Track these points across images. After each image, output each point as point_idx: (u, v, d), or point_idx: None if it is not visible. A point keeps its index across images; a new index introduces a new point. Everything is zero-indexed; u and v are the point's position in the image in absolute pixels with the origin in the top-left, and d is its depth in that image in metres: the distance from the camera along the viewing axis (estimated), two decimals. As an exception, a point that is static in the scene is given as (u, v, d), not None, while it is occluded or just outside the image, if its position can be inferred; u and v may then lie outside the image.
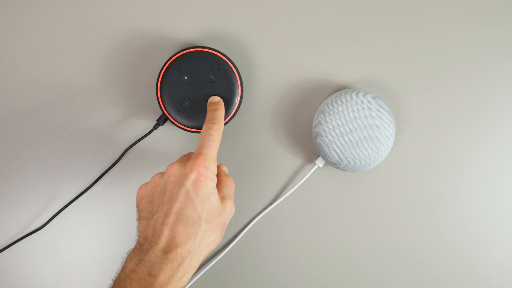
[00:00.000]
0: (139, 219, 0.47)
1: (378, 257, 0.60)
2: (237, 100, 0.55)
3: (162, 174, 0.48)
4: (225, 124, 0.55)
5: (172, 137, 0.59)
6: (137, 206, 0.48)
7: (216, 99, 0.53)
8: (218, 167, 0.51)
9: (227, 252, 0.59)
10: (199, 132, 0.56)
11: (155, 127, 0.57)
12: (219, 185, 0.49)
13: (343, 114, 0.54)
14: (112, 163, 0.58)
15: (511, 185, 0.58)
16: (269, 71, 0.58)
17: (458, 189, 0.59)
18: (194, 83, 0.54)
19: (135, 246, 0.45)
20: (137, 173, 0.59)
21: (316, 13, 0.57)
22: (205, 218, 0.45)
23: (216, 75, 0.54)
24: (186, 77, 0.54)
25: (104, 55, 0.58)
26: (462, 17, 0.57)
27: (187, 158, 0.49)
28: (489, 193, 0.59)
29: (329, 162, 0.56)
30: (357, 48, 0.57)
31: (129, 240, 0.60)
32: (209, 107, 0.52)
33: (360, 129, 0.54)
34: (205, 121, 0.50)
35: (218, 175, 0.49)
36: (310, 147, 0.59)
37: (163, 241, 0.43)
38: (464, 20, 0.57)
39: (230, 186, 0.49)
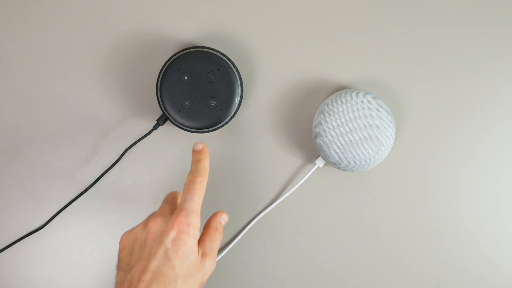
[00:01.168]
0: (118, 269, 0.46)
1: (378, 257, 0.60)
2: (237, 100, 0.55)
3: (144, 225, 0.47)
4: (225, 124, 0.56)
5: (172, 137, 0.59)
6: (118, 254, 0.47)
7: (199, 146, 0.49)
8: (214, 216, 0.50)
9: (227, 252, 0.59)
10: (199, 132, 0.56)
11: (155, 127, 0.57)
12: (204, 237, 0.48)
13: (343, 114, 0.54)
14: (112, 163, 0.58)
15: (511, 185, 0.58)
16: (269, 71, 0.58)
17: (458, 189, 0.59)
18: (194, 83, 0.54)
19: None
20: (137, 173, 0.59)
21: (316, 13, 0.57)
22: (182, 276, 0.44)
23: (216, 75, 0.54)
24: (186, 77, 0.54)
25: (104, 55, 0.58)
26: (462, 17, 0.57)
27: (169, 207, 0.48)
28: (489, 193, 0.59)
29: (329, 162, 0.56)
30: (357, 48, 0.57)
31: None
32: (193, 156, 0.50)
33: (360, 129, 0.54)
34: (189, 172, 0.49)
35: (208, 227, 0.49)
36: (310, 147, 0.59)
37: None
38: (464, 19, 0.57)
39: (215, 240, 0.48)
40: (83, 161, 0.59)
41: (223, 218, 0.51)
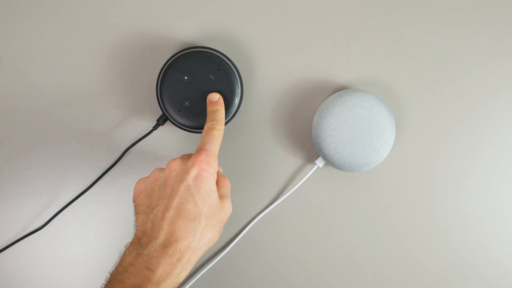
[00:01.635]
0: (137, 213, 0.46)
1: (378, 257, 0.60)
2: (237, 100, 0.55)
3: (162, 169, 0.48)
4: (225, 124, 0.55)
5: (172, 137, 0.59)
6: (135, 201, 0.47)
7: (216, 97, 0.52)
8: (218, 178, 0.50)
9: (227, 252, 0.59)
10: (199, 132, 0.56)
11: (155, 127, 0.57)
12: (217, 184, 0.48)
13: (343, 114, 0.54)
14: (112, 163, 0.58)
15: (511, 185, 0.58)
16: (269, 71, 0.58)
17: (458, 189, 0.59)
18: (194, 83, 0.54)
19: (133, 239, 0.44)
20: (137, 173, 0.59)
21: (316, 14, 0.57)
22: (205, 214, 0.45)
23: (216, 75, 0.54)
24: (186, 77, 0.54)
25: (104, 55, 0.58)
26: (462, 18, 0.57)
27: (187, 156, 0.49)
28: (489, 193, 0.59)
29: (329, 162, 0.56)
30: (357, 48, 0.57)
31: (129, 239, 0.60)
32: (209, 107, 0.52)
33: (360, 129, 0.54)
34: (207, 121, 0.50)
35: (216, 175, 0.49)
36: (310, 147, 0.59)
37: (162, 236, 0.43)
38: (464, 20, 0.57)
39: (226, 186, 0.49)
40: (83, 161, 0.59)
41: (220, 170, 0.52)
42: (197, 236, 0.44)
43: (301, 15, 0.57)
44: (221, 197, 0.47)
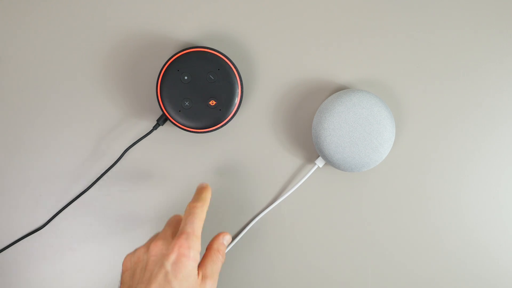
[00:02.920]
0: None
1: (378, 256, 0.60)
2: (237, 100, 0.55)
3: (146, 248, 0.48)
4: (225, 124, 0.56)
5: (172, 137, 0.59)
6: (121, 276, 0.48)
7: (204, 184, 0.52)
8: (217, 237, 0.51)
9: (227, 251, 0.59)
10: (199, 132, 0.56)
11: (155, 127, 0.57)
12: (206, 259, 0.48)
13: (343, 114, 0.54)
14: (112, 163, 0.58)
15: (511, 185, 0.58)
16: (269, 71, 0.58)
17: (458, 189, 0.59)
18: (194, 83, 0.54)
19: None
20: (137, 173, 0.59)
21: (316, 13, 0.57)
22: None
23: (216, 75, 0.54)
24: (186, 77, 0.54)
25: (104, 55, 0.58)
26: (462, 17, 0.57)
27: (171, 230, 0.49)
28: (489, 193, 0.59)
29: (329, 162, 0.56)
30: (357, 48, 0.57)
31: (129, 240, 0.60)
32: (198, 188, 0.52)
33: (360, 129, 0.54)
34: (193, 198, 0.50)
35: (210, 248, 0.49)
36: (310, 147, 0.59)
37: None
38: (464, 20, 0.57)
39: (216, 262, 0.49)
40: (83, 161, 0.59)
41: (226, 239, 0.51)
42: None
43: (301, 15, 0.57)
44: (204, 276, 0.47)
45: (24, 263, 0.60)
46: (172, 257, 0.45)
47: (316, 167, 0.57)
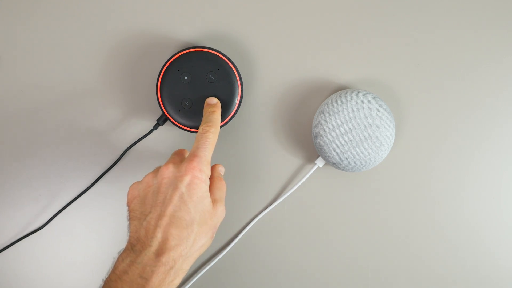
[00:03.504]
0: (130, 218, 0.46)
1: (378, 257, 0.60)
2: (237, 100, 0.55)
3: (154, 174, 0.48)
4: (225, 124, 0.55)
5: (172, 137, 0.59)
6: (128, 205, 0.47)
7: (214, 100, 0.53)
8: (214, 167, 0.51)
9: (227, 252, 0.59)
10: (199, 132, 0.56)
11: (155, 127, 0.57)
12: (211, 187, 0.48)
13: (343, 114, 0.54)
14: (112, 163, 0.58)
15: (511, 185, 0.58)
16: (269, 71, 0.58)
17: (458, 189, 0.59)
18: (194, 83, 0.54)
19: (126, 246, 0.45)
20: (137, 173, 0.59)
21: (316, 13, 0.57)
22: (197, 221, 0.45)
23: (216, 75, 0.54)
24: (186, 77, 0.54)
25: (104, 55, 0.58)
26: (462, 18, 0.57)
27: (179, 158, 0.49)
28: (489, 193, 0.59)
29: (329, 162, 0.56)
30: (357, 48, 0.57)
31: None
32: (205, 109, 0.52)
33: (360, 129, 0.54)
34: (202, 122, 0.50)
35: (212, 177, 0.49)
36: (310, 147, 0.59)
37: (156, 243, 0.43)
38: (464, 20, 0.57)
39: (222, 188, 0.49)
40: (83, 161, 0.59)
41: (221, 170, 0.52)
42: (190, 243, 0.44)
43: (301, 15, 0.57)
44: (214, 201, 0.47)
45: (24, 263, 0.60)
46: (186, 178, 0.45)
47: (316, 167, 0.57)
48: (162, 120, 0.56)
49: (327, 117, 0.54)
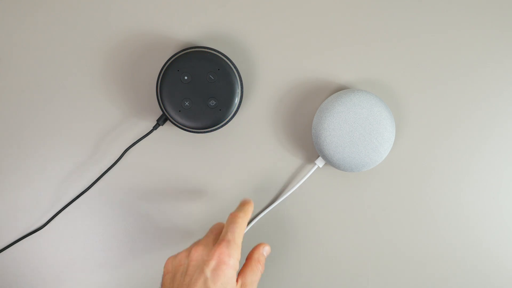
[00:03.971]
0: None
1: (377, 257, 0.60)
2: (237, 100, 0.55)
3: (188, 252, 0.49)
4: (225, 124, 0.56)
5: (172, 137, 0.59)
6: (163, 278, 0.49)
7: (248, 199, 0.53)
8: (257, 247, 0.51)
9: (227, 252, 0.59)
10: (199, 132, 0.56)
11: (155, 127, 0.57)
12: (246, 268, 0.49)
13: (343, 114, 0.54)
14: (112, 163, 0.58)
15: (511, 185, 0.58)
16: (269, 71, 0.58)
17: (458, 189, 0.59)
18: (194, 83, 0.54)
19: None
20: (137, 173, 0.59)
21: (316, 14, 0.57)
22: None
23: (216, 75, 0.54)
24: (186, 77, 0.54)
25: (104, 55, 0.58)
26: (463, 18, 0.57)
27: (213, 236, 0.50)
28: (489, 194, 0.59)
29: (329, 162, 0.56)
30: (357, 48, 0.57)
31: (129, 240, 0.60)
32: (245, 199, 0.53)
33: (360, 129, 0.54)
34: (238, 206, 0.51)
35: (250, 258, 0.50)
36: (310, 147, 0.59)
37: None
38: (464, 20, 0.57)
39: (256, 272, 0.50)
40: (83, 161, 0.59)
41: (266, 250, 0.52)
42: None
43: (301, 15, 0.57)
44: (243, 286, 0.48)
45: (24, 263, 0.60)
46: (212, 263, 0.46)
47: (316, 167, 0.57)
48: (162, 120, 0.56)
49: (327, 117, 0.54)
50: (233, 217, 0.49)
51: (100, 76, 0.58)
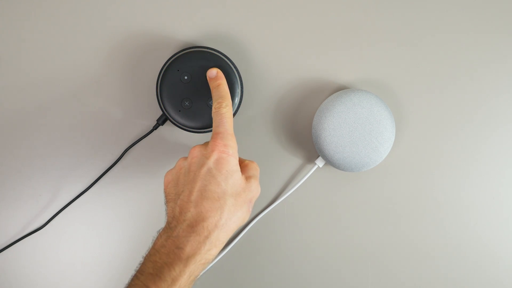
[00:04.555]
0: (167, 202, 0.48)
1: (378, 257, 0.60)
2: (237, 100, 0.55)
3: (185, 158, 0.49)
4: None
5: (172, 137, 0.59)
6: (165, 191, 0.50)
7: (214, 72, 0.53)
8: (246, 162, 0.52)
9: (227, 252, 0.59)
10: (199, 132, 0.56)
11: (155, 127, 0.57)
12: (244, 168, 0.50)
13: (343, 114, 0.54)
14: (112, 163, 0.58)
15: (511, 185, 0.58)
16: (269, 71, 0.58)
17: (458, 189, 0.59)
18: (194, 83, 0.54)
19: (165, 225, 0.47)
20: (137, 173, 0.59)
21: (316, 14, 0.57)
22: (230, 193, 0.46)
23: (216, 75, 0.54)
24: (186, 77, 0.54)
25: (104, 55, 0.58)
26: (463, 18, 0.57)
27: (207, 143, 0.50)
28: (489, 193, 0.59)
29: (329, 162, 0.56)
30: (357, 48, 0.57)
31: (129, 239, 0.60)
32: (210, 84, 0.52)
33: (360, 129, 0.54)
34: (213, 99, 0.51)
35: (242, 161, 0.51)
36: (310, 147, 0.59)
37: (189, 217, 0.45)
38: (464, 20, 0.57)
39: (254, 167, 0.50)
40: (83, 161, 0.59)
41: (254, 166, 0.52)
42: (224, 214, 0.46)
43: (301, 15, 0.57)
44: (247, 178, 0.48)
45: (24, 263, 0.60)
46: (213, 155, 0.47)
47: (316, 167, 0.57)
48: (162, 120, 0.56)
49: (327, 117, 0.54)
50: (218, 109, 0.49)
51: (100, 76, 0.58)
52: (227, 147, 0.47)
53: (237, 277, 0.60)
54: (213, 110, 0.49)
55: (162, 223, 0.48)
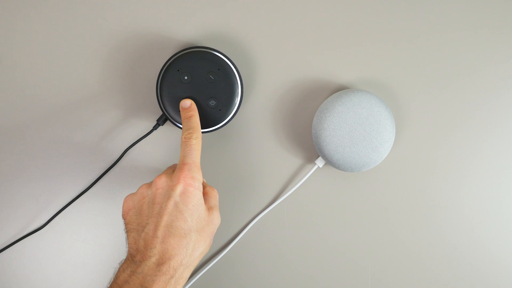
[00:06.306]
0: (128, 231, 0.47)
1: (378, 257, 0.60)
2: (237, 100, 0.55)
3: (148, 185, 0.48)
4: (225, 124, 0.56)
5: (172, 137, 0.59)
6: (124, 218, 0.48)
7: (187, 103, 0.52)
8: (207, 189, 0.51)
9: (227, 252, 0.59)
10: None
11: (155, 127, 0.57)
12: (205, 195, 0.49)
13: (343, 114, 0.54)
14: (112, 163, 0.58)
15: (511, 185, 0.58)
16: (269, 71, 0.58)
17: (458, 189, 0.59)
18: (194, 83, 0.54)
19: (127, 257, 0.45)
20: (137, 173, 0.59)
21: (316, 14, 0.57)
22: (195, 229, 0.45)
23: (216, 75, 0.54)
24: (186, 77, 0.54)
25: (104, 55, 0.58)
26: (463, 18, 0.57)
27: (172, 169, 0.50)
28: (489, 194, 0.59)
29: (329, 162, 0.56)
30: (357, 49, 0.57)
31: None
32: (182, 114, 0.52)
33: (360, 129, 0.54)
34: (183, 130, 0.50)
35: (204, 187, 0.50)
36: (310, 147, 0.59)
37: (155, 254, 0.44)
38: (464, 21, 0.57)
39: (214, 196, 0.50)
40: (83, 161, 0.59)
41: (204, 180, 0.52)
42: (189, 251, 0.45)
43: (301, 15, 0.57)
44: (209, 209, 0.48)
45: (24, 263, 0.60)
46: (179, 187, 0.45)
47: (316, 167, 0.57)
48: (162, 120, 0.56)
49: (327, 117, 0.54)
50: (187, 140, 0.48)
51: (100, 76, 0.58)
52: (194, 180, 0.46)
53: (237, 277, 0.60)
54: (182, 140, 0.49)
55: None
